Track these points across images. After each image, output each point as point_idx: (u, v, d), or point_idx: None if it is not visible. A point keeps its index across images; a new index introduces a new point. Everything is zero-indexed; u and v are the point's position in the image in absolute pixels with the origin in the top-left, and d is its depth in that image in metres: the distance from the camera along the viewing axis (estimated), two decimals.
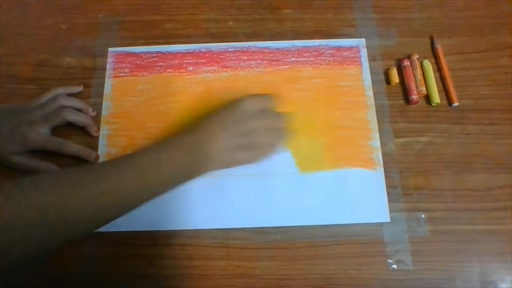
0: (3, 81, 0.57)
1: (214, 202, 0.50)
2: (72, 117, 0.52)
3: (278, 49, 0.58)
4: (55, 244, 0.41)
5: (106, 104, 0.55)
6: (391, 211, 0.50)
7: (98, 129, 0.54)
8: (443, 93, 0.55)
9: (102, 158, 0.52)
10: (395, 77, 0.55)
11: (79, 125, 0.53)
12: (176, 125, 0.54)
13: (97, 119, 0.55)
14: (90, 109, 0.55)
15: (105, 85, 0.56)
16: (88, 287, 0.48)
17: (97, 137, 0.54)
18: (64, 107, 0.52)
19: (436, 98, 0.54)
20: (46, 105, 0.52)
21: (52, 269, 0.48)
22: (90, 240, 0.49)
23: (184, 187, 0.50)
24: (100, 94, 0.56)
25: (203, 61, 0.58)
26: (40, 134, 0.50)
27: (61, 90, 0.54)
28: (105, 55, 0.58)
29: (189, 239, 0.49)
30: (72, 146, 0.51)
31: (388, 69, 0.56)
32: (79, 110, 0.54)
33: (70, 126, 0.53)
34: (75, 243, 0.49)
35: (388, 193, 0.51)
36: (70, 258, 0.48)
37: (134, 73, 0.57)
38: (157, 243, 0.49)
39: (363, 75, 0.57)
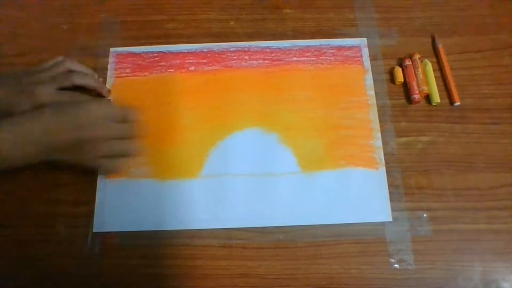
0: None
1: (216, 202, 0.50)
2: (81, 80, 0.53)
3: (279, 48, 0.58)
4: None
5: None
6: (393, 210, 0.50)
7: (109, 90, 0.56)
8: (445, 93, 0.55)
9: None
10: (400, 76, 0.55)
11: (88, 88, 0.54)
12: (177, 125, 0.54)
13: None
14: (96, 75, 0.56)
15: (107, 85, 0.56)
16: (89, 287, 0.48)
17: None
18: (71, 71, 0.54)
19: (436, 97, 0.54)
20: (53, 68, 0.53)
21: (52, 268, 0.48)
22: (92, 240, 0.49)
23: (186, 187, 0.51)
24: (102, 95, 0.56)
25: (204, 61, 0.58)
26: (47, 92, 0.51)
27: (64, 58, 0.55)
28: (106, 55, 0.58)
29: (191, 239, 0.49)
30: (84, 96, 0.53)
31: (393, 68, 0.56)
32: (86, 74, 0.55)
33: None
34: (75, 242, 0.49)
35: (390, 193, 0.51)
36: (70, 258, 0.48)
37: (136, 73, 0.57)
38: (159, 243, 0.49)
39: (365, 75, 0.57)
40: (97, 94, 0.55)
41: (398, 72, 0.56)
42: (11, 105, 0.50)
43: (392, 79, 0.56)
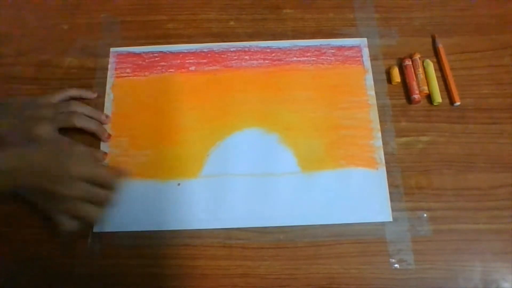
0: (5, 81, 0.57)
1: (216, 202, 0.50)
2: (82, 123, 0.51)
3: (279, 48, 0.58)
4: None
5: (108, 104, 0.55)
6: (393, 210, 0.50)
7: (109, 135, 0.54)
8: (445, 93, 0.55)
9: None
10: (396, 76, 0.55)
11: (88, 131, 0.52)
12: (177, 125, 0.54)
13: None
14: (103, 116, 0.54)
15: (107, 85, 0.56)
16: (89, 287, 0.48)
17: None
18: (75, 112, 0.52)
19: (438, 97, 0.54)
20: (59, 106, 0.52)
21: (52, 268, 0.48)
22: (92, 240, 0.49)
23: (186, 187, 0.51)
24: (102, 95, 0.56)
25: (205, 61, 0.58)
26: (46, 131, 0.49)
27: (74, 92, 0.54)
28: (106, 55, 0.58)
29: (191, 239, 0.49)
30: (81, 147, 0.50)
31: (390, 68, 0.56)
32: (91, 117, 0.53)
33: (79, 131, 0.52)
34: (75, 242, 0.49)
35: (390, 193, 0.51)
36: (71, 258, 0.48)
37: (136, 73, 0.57)
38: (159, 243, 0.49)
39: (365, 75, 0.56)
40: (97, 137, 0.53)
41: (395, 72, 0.56)
42: (7, 137, 0.48)
43: (390, 79, 0.56)
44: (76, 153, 0.48)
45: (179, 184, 0.51)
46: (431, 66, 0.56)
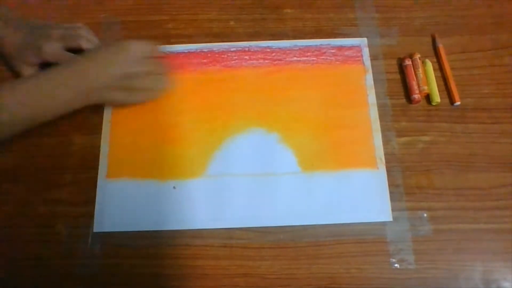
0: (5, 81, 0.57)
1: (217, 202, 0.50)
2: (87, 45, 0.54)
3: (280, 48, 0.58)
4: None
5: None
6: (393, 210, 0.50)
7: None
8: (445, 92, 0.55)
9: (102, 158, 0.52)
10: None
11: None
12: (178, 125, 0.54)
13: (98, 120, 0.55)
14: None
15: None
16: (89, 287, 0.48)
17: (99, 135, 0.54)
18: (84, 37, 0.54)
19: (437, 97, 0.54)
20: (67, 28, 0.55)
21: (52, 268, 0.48)
22: (92, 240, 0.49)
23: (186, 187, 0.51)
24: None
25: (205, 61, 0.58)
26: (55, 48, 0.52)
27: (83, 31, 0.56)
28: None
29: (191, 239, 0.49)
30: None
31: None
32: None
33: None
34: (76, 242, 0.49)
35: (391, 192, 0.51)
36: (71, 258, 0.48)
37: None
38: (160, 243, 0.49)
39: (365, 75, 0.57)
40: None
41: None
42: (19, 55, 0.53)
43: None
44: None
45: (174, 187, 0.51)
46: (430, 66, 0.56)
